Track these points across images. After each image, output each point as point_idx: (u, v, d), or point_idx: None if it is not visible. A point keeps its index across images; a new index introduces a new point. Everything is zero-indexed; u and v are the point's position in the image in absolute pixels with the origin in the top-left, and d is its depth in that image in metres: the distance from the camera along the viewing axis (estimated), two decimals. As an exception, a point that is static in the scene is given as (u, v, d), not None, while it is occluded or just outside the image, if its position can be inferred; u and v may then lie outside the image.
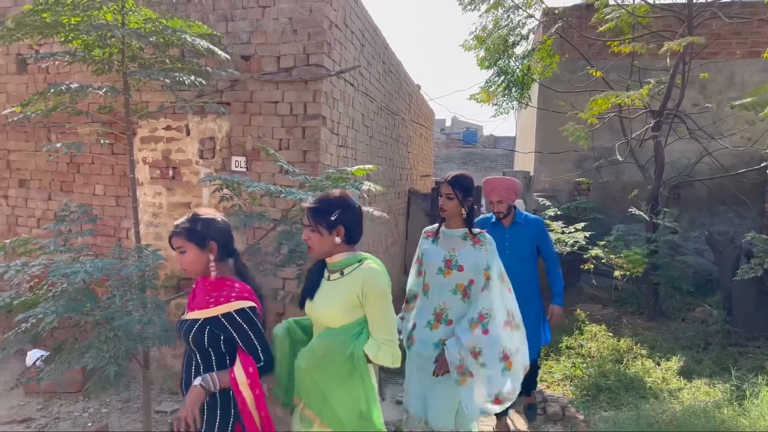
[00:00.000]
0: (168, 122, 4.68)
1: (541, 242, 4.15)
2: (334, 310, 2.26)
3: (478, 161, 21.58)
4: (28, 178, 5.38)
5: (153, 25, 3.40)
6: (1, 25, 5.28)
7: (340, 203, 2.30)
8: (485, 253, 3.11)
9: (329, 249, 2.30)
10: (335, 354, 2.23)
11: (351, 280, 2.26)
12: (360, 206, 2.40)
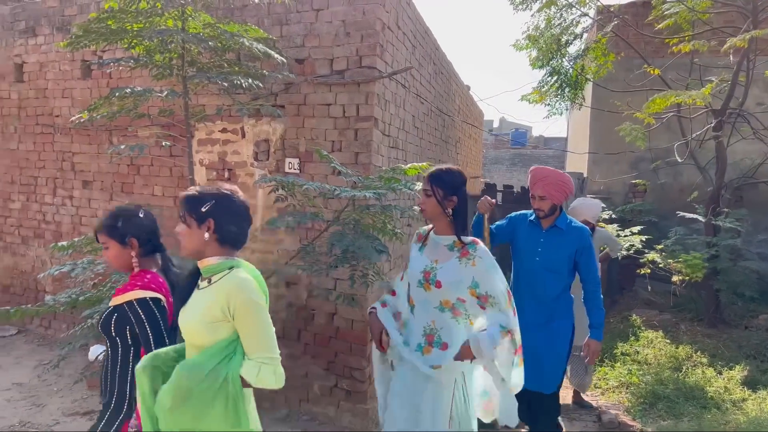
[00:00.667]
0: (224, 125, 4.79)
1: (580, 257, 3.44)
2: (196, 324, 1.94)
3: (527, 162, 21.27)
4: (91, 179, 5.60)
5: (211, 29, 3.49)
6: (69, 32, 5.52)
7: (216, 194, 2.03)
8: (472, 269, 2.55)
9: (199, 247, 2.00)
10: (205, 385, 1.85)
11: (216, 291, 1.95)
12: (246, 205, 2.11)
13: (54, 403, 4.36)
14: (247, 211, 2.10)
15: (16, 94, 6.06)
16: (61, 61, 5.68)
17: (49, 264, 5.89)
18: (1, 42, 6.14)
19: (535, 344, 3.26)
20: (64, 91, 5.70)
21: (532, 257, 3.48)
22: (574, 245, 3.44)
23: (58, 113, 5.75)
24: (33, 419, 4.11)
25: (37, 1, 5.87)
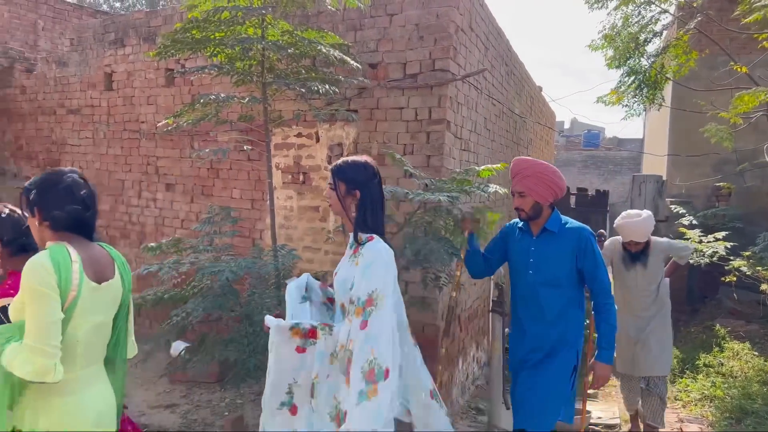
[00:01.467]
0: (299, 129, 4.91)
1: (583, 262, 2.88)
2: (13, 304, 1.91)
3: (600, 165, 20.63)
4: (173, 182, 5.86)
5: (289, 36, 3.58)
6: (154, 42, 5.80)
7: (39, 181, 1.94)
8: (355, 269, 2.22)
9: (38, 237, 1.96)
10: None
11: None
12: (72, 183, 1.96)
13: (139, 396, 4.59)
14: (72, 190, 1.96)
15: (106, 102, 6.42)
16: (147, 70, 5.99)
17: (134, 263, 6.20)
18: (92, 53, 6.53)
19: (532, 385, 2.92)
20: (149, 98, 6.00)
21: (525, 271, 2.97)
22: (572, 249, 2.88)
23: (144, 119, 6.06)
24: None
25: (125, 13, 6.21)
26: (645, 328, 4.31)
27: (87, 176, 2.02)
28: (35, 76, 7.30)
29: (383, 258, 2.21)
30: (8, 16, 10.22)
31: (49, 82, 7.04)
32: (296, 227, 5.00)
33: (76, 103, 6.75)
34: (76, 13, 11.21)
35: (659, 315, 4.34)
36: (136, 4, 27.84)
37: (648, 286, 4.33)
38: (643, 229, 4.22)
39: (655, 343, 4.28)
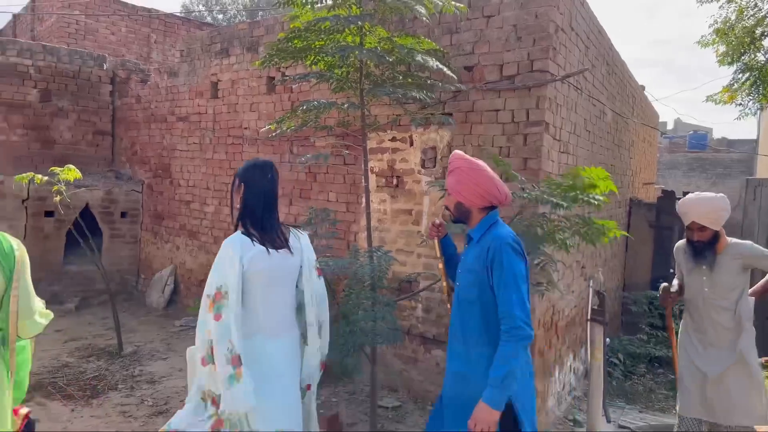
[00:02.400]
0: (394, 134, 4.96)
1: (491, 277, 2.36)
2: None
3: (708, 168, 19.36)
4: (273, 185, 6.09)
5: (387, 43, 3.63)
6: (256, 52, 6.05)
7: None
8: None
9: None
10: None
11: None
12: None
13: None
14: None
15: (212, 109, 6.79)
16: (250, 79, 6.27)
17: (236, 262, 6.50)
18: (200, 63, 6.92)
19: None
20: (252, 105, 6.28)
21: (456, 281, 2.62)
22: (483, 261, 2.40)
23: (246, 125, 6.35)
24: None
25: (230, 24, 6.54)
26: (719, 361, 3.41)
27: (195, 179, 2.18)
28: (149, 86, 7.84)
29: (224, 251, 2.45)
30: (125, 31, 11.04)
31: (161, 92, 7.54)
32: (389, 230, 5.05)
33: (185, 111, 7.18)
34: (184, 26, 11.94)
35: (739, 344, 3.37)
36: (237, 16, 29.25)
37: (719, 300, 3.39)
38: (706, 207, 3.33)
39: (735, 382, 3.36)
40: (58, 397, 4.52)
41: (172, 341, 6.03)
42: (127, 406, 4.42)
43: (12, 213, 6.93)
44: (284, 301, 2.62)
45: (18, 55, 7.62)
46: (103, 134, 8.38)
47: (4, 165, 7.43)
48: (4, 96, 7.53)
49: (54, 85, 7.90)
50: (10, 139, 7.61)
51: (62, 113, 8.01)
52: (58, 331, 6.20)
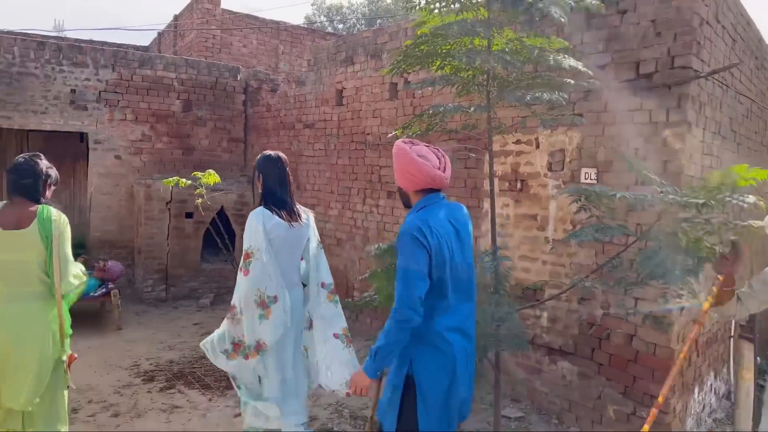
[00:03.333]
0: (518, 136, 4.85)
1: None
2: None
3: None
4: (394, 190, 6.17)
5: (515, 44, 3.55)
6: (380, 59, 6.16)
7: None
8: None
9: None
10: None
11: None
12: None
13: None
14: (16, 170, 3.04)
15: (336, 116, 7.01)
16: (373, 85, 6.40)
17: (357, 264, 6.66)
18: (326, 72, 7.18)
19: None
20: (374, 111, 6.41)
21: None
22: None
23: (369, 131, 6.49)
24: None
25: (350, 33, 6.72)
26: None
27: (320, 183, 2.36)
28: (278, 95, 8.26)
29: (250, 222, 3.21)
30: (256, 43, 11.72)
31: (290, 100, 7.91)
32: (512, 235, 4.93)
33: (311, 118, 7.47)
34: (309, 37, 12.47)
35: None
36: (356, 25, 30.10)
37: None
38: None
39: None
40: (197, 386, 4.86)
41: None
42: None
43: (158, 214, 7.57)
44: (293, 263, 3.35)
45: (164, 68, 8.34)
46: (237, 141, 8.94)
47: (151, 170, 8.14)
48: (152, 107, 8.26)
49: (194, 95, 8.56)
50: (156, 146, 8.33)
51: (201, 122, 8.64)
52: (195, 324, 6.68)
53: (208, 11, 11.04)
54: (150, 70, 8.25)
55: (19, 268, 2.92)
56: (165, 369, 5.23)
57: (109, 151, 7.96)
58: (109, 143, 8.01)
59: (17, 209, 2.98)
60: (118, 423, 4.16)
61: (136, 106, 8.18)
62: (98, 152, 7.93)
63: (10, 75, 7.36)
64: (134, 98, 8.16)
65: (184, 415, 4.33)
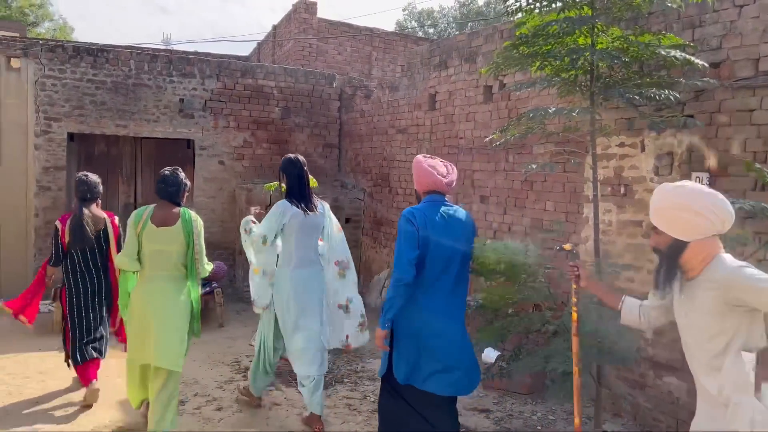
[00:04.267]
0: (622, 139, 4.64)
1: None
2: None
3: None
4: (487, 194, 6.09)
5: (621, 42, 3.41)
6: (474, 62, 6.10)
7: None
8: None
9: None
10: None
11: None
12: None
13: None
14: (165, 179, 3.88)
15: (429, 121, 7.02)
16: (467, 89, 6.36)
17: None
18: (419, 76, 7.21)
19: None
20: (468, 115, 6.36)
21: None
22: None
23: (462, 135, 6.44)
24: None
25: (440, 38, 6.71)
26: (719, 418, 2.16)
27: (412, 188, 2.38)
28: (371, 101, 8.38)
29: (273, 210, 4.10)
30: (350, 50, 11.97)
31: (383, 106, 8.01)
32: (614, 242, 4.72)
33: (404, 123, 7.53)
34: (401, 43, 12.58)
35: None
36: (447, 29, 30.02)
37: (705, 339, 2.17)
38: (660, 203, 2.24)
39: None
40: (294, 385, 5.00)
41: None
42: (352, 400, 4.73)
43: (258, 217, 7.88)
44: (310, 243, 4.18)
45: (264, 77, 8.69)
46: (331, 147, 9.16)
47: (251, 174, 8.51)
48: (253, 114, 8.63)
49: (292, 103, 8.86)
50: (256, 152, 8.69)
51: (298, 128, 8.93)
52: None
53: (305, 21, 11.41)
54: (251, 79, 8.62)
55: (165, 256, 3.70)
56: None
57: (213, 157, 8.39)
58: (213, 149, 8.45)
59: (165, 211, 3.78)
60: (221, 417, 4.36)
61: (239, 114, 8.58)
62: (203, 158, 8.39)
63: (126, 87, 7.94)
64: (237, 106, 8.55)
65: (282, 412, 4.47)
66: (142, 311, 3.68)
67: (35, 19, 29.61)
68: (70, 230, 4.50)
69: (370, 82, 9.77)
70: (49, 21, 31.31)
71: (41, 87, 7.59)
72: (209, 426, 4.19)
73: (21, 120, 7.54)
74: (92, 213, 4.64)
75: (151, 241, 3.68)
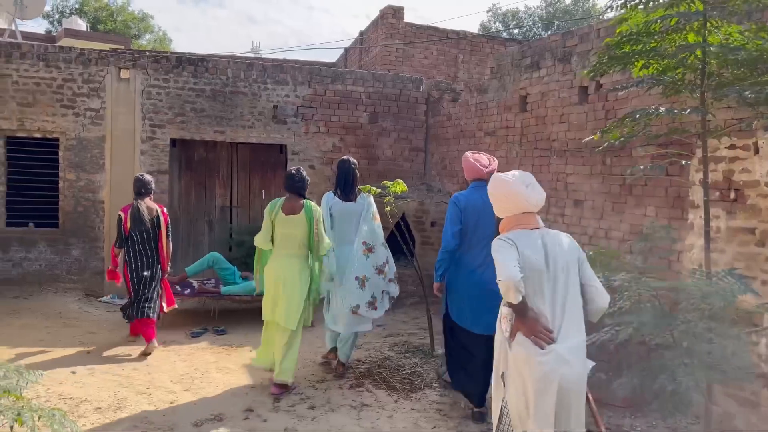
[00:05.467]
0: (732, 141, 4.35)
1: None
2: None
3: None
4: (582, 198, 5.89)
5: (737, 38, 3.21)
6: (569, 62, 5.92)
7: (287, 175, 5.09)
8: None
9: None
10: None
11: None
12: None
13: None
14: (292, 177, 4.99)
15: (519, 123, 6.88)
16: (560, 90, 6.18)
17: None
18: (509, 78, 7.09)
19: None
20: (561, 116, 6.18)
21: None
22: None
23: (555, 137, 6.27)
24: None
25: (541, 38, 6.55)
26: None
27: None
28: (459, 104, 8.33)
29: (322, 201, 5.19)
30: (436, 54, 11.97)
31: (471, 108, 7.94)
32: (723, 251, 4.43)
33: (492, 126, 7.42)
34: (488, 44, 12.43)
35: None
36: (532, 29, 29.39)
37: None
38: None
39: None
40: (383, 387, 5.04)
41: (478, 348, 6.24)
42: (443, 405, 4.70)
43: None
44: (349, 227, 5.17)
45: (353, 83, 8.84)
46: (417, 150, 9.18)
47: (340, 178, 8.68)
48: (342, 119, 8.81)
49: (380, 108, 8.96)
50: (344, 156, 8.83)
51: (385, 132, 9.02)
52: (379, 326, 6.94)
53: (392, 26, 11.51)
54: (341, 84, 8.80)
55: (291, 239, 4.77)
56: (353, 367, 5.49)
57: (304, 162, 8.62)
58: (304, 154, 8.68)
59: (292, 202, 4.84)
60: (314, 415, 4.45)
61: (328, 119, 8.77)
62: (295, 162, 8.63)
63: (224, 94, 8.32)
64: (327, 112, 8.75)
65: (373, 413, 4.51)
66: (273, 281, 4.75)
67: (137, 32, 31.65)
68: (130, 217, 5.74)
69: (456, 85, 9.72)
70: (149, 33, 33.39)
71: (147, 96, 8.09)
72: (302, 425, 4.28)
73: (129, 127, 8.07)
74: (147, 204, 5.87)
75: (281, 226, 4.77)
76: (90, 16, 29.07)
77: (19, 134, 7.91)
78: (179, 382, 5.07)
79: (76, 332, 6.40)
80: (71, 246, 8.03)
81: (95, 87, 7.97)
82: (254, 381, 5.12)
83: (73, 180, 8.00)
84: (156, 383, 5.02)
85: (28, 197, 7.98)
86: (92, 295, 7.98)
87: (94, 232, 8.08)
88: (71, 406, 4.38)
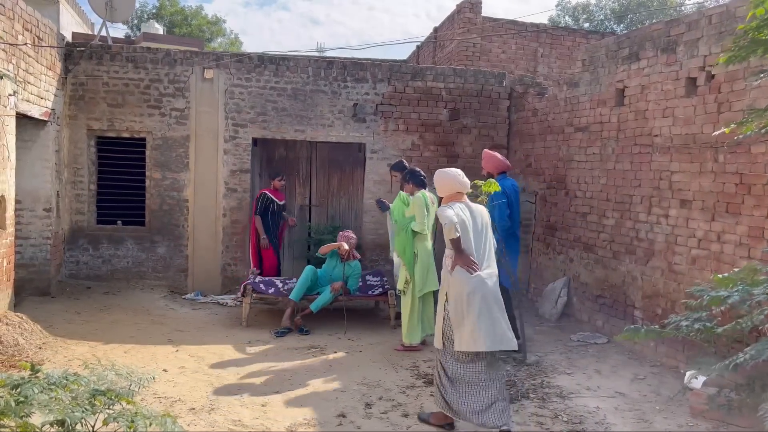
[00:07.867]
0: None
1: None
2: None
3: None
4: (690, 198, 5.45)
5: None
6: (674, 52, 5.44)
7: (408, 171, 6.22)
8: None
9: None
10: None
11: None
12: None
13: (659, 423, 4.36)
14: (417, 173, 6.11)
15: (616, 118, 6.48)
16: (664, 82, 5.76)
17: (639, 280, 6.05)
18: (603, 71, 6.70)
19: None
20: (665, 110, 5.76)
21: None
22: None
23: (657, 133, 5.85)
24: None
25: (640, 27, 6.13)
26: None
27: (593, 190, 2.05)
28: (546, 98, 7.97)
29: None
30: (515, 48, 11.59)
31: (560, 103, 7.57)
32: None
33: (584, 121, 7.04)
34: (569, 37, 11.93)
35: None
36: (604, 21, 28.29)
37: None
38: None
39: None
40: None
41: (572, 356, 5.91)
42: (542, 418, 4.43)
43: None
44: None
45: (433, 79, 8.63)
46: (499, 147, 8.83)
47: (419, 177, 8.47)
48: (421, 117, 8.61)
49: (461, 104, 8.71)
50: (423, 154, 8.66)
51: (465, 129, 8.76)
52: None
53: (470, 20, 11.20)
54: (421, 81, 8.61)
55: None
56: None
57: (383, 160, 8.48)
58: (383, 152, 8.54)
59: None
60: (409, 424, 4.28)
61: (408, 117, 8.59)
62: (374, 161, 8.51)
63: (304, 93, 8.29)
64: (406, 109, 8.58)
65: (463, 423, 4.29)
66: (428, 256, 5.98)
67: (210, 36, 32.56)
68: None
69: (534, 78, 9.34)
70: (221, 36, 34.29)
71: (230, 95, 8.15)
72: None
73: (212, 126, 8.16)
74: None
75: (429, 216, 5.93)
76: (166, 20, 30.10)
77: (109, 134, 8.14)
78: (268, 383, 5.02)
79: (164, 329, 6.49)
80: (157, 244, 8.20)
81: (180, 87, 8.10)
82: (343, 385, 5.01)
83: (158, 179, 8.16)
84: (245, 383, 4.98)
85: (117, 196, 8.20)
86: (176, 292, 8.12)
87: (178, 230, 8.22)
88: (166, 406, 4.38)
